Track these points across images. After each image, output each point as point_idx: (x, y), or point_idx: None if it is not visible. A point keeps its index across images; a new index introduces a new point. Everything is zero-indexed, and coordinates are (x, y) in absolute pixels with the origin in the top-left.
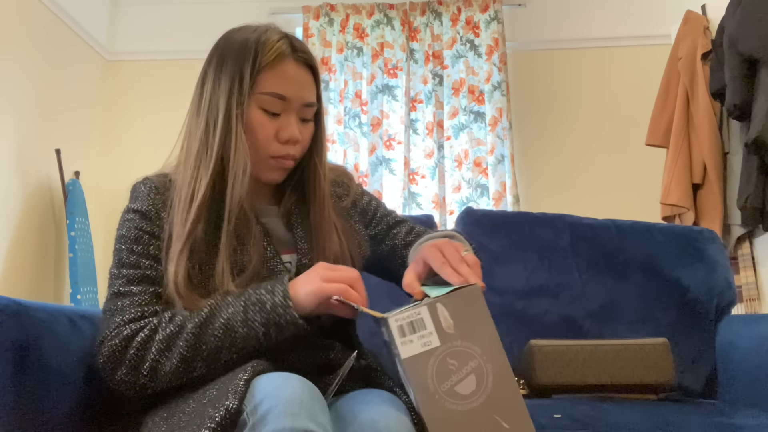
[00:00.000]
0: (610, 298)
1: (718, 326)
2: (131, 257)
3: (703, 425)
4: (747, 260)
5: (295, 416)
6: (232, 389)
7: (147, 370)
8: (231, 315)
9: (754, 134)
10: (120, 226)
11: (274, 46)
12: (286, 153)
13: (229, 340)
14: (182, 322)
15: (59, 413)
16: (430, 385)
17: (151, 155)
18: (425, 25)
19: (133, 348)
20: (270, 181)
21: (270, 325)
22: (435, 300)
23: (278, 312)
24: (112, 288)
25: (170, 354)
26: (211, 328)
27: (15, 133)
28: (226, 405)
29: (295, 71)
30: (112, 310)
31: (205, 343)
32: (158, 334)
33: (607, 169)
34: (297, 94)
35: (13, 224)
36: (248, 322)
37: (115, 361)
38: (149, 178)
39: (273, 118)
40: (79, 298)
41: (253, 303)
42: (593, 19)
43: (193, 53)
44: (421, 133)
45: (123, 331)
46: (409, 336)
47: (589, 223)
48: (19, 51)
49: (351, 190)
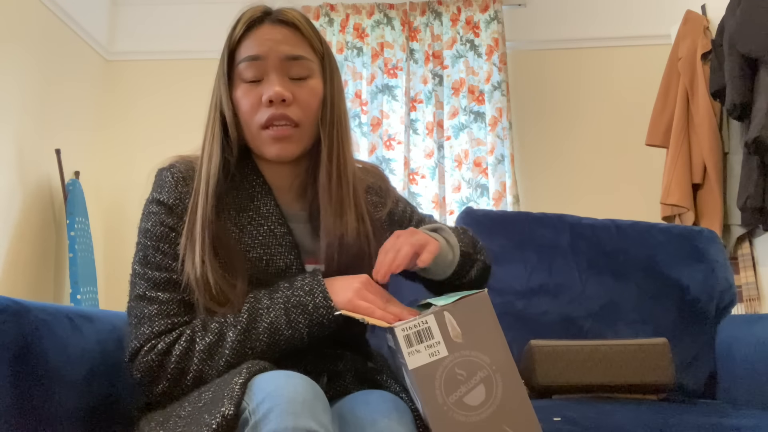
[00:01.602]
0: (610, 298)
1: (718, 326)
2: (157, 256)
3: (703, 426)
4: (747, 260)
5: (298, 415)
6: (228, 394)
7: (191, 380)
8: (274, 319)
9: (754, 134)
10: (144, 218)
11: (245, 17)
12: (272, 114)
13: (274, 343)
14: (220, 330)
15: (59, 413)
16: (438, 397)
17: (151, 155)
18: (425, 25)
19: (173, 363)
20: (275, 156)
21: (314, 326)
22: (442, 308)
23: (321, 313)
24: (137, 289)
25: (213, 362)
26: (255, 333)
27: (15, 133)
28: (222, 411)
29: (269, 31)
30: (138, 317)
31: (251, 348)
32: (197, 345)
33: (607, 169)
34: (270, 49)
35: (13, 224)
36: (292, 324)
37: (154, 375)
38: (175, 165)
39: (254, 85)
40: (79, 298)
41: (294, 306)
42: (593, 19)
43: (193, 53)
44: (421, 133)
45: (156, 345)
46: (416, 346)
47: (589, 223)
48: (19, 51)
49: (388, 198)
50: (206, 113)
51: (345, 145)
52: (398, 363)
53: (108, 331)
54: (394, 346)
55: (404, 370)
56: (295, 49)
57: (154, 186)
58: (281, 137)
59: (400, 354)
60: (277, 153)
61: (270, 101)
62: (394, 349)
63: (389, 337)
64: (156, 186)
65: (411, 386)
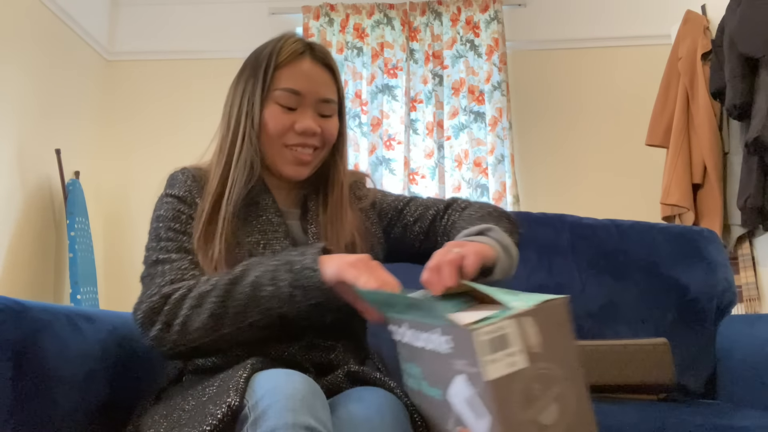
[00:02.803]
0: (610, 298)
1: (718, 326)
2: (169, 233)
3: (703, 426)
4: (747, 260)
5: (297, 412)
6: (233, 386)
7: (178, 326)
8: (261, 273)
9: (754, 134)
10: (157, 208)
11: (290, 46)
12: (301, 142)
13: (255, 297)
14: (216, 282)
15: (59, 413)
16: (516, 413)
17: (151, 155)
18: (425, 25)
19: (169, 304)
20: (291, 175)
21: (296, 287)
22: (523, 313)
23: (306, 274)
24: (150, 258)
25: (200, 310)
26: (240, 286)
27: (15, 133)
28: (228, 402)
29: (310, 68)
30: (151, 275)
31: (234, 299)
32: (192, 292)
33: (607, 169)
34: (311, 89)
35: (13, 224)
36: (275, 281)
37: (152, 316)
38: (187, 168)
39: (288, 112)
40: (79, 298)
41: (283, 263)
42: (593, 19)
43: (193, 53)
44: (421, 133)
45: (163, 289)
46: (495, 354)
47: (589, 223)
48: (19, 51)
49: (370, 191)
50: (228, 115)
51: (345, 165)
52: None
53: (108, 331)
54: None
55: (460, 379)
56: (328, 92)
57: (166, 186)
58: (302, 162)
59: (466, 359)
60: (294, 174)
61: (302, 132)
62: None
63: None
64: (169, 185)
65: (468, 399)
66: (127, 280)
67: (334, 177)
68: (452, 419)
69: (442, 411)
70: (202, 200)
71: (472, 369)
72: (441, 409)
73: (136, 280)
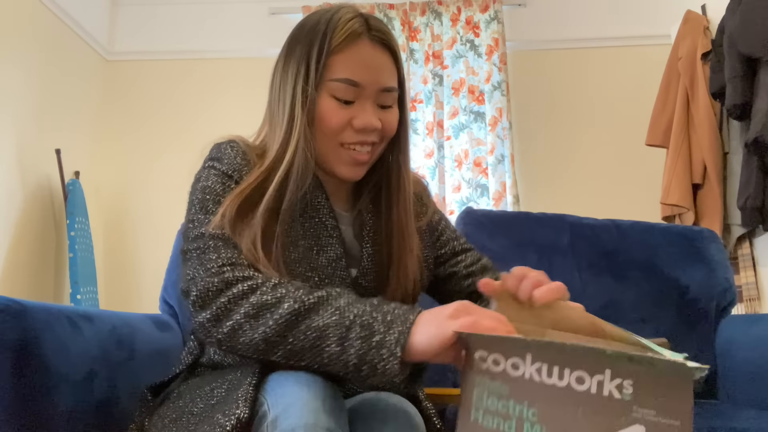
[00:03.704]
0: (610, 298)
1: (718, 326)
2: (217, 207)
3: (703, 426)
4: (747, 260)
5: (318, 413)
6: (242, 396)
7: (228, 328)
8: (332, 323)
9: (754, 134)
10: (203, 179)
11: (345, 26)
12: (359, 140)
13: (317, 348)
14: (282, 297)
15: (59, 413)
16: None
17: (151, 155)
18: (425, 25)
19: (226, 297)
20: (346, 176)
21: (364, 362)
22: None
23: (382, 355)
24: (197, 229)
25: (256, 325)
26: (305, 326)
27: (15, 133)
28: (237, 414)
29: (369, 53)
30: (201, 249)
31: (294, 336)
32: (254, 296)
33: (607, 169)
34: (372, 79)
35: (13, 224)
36: (344, 343)
37: (206, 299)
38: (236, 141)
39: (345, 105)
40: (79, 298)
41: (362, 325)
42: (593, 19)
43: (193, 53)
44: (421, 133)
45: (224, 271)
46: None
47: (589, 223)
48: (19, 51)
49: (429, 208)
50: (279, 101)
51: (408, 166)
52: (563, 407)
53: (108, 331)
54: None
55: (634, 429)
56: (390, 80)
57: (209, 157)
58: (360, 162)
59: (656, 409)
60: (350, 176)
61: (362, 129)
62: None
63: (525, 366)
64: (214, 157)
65: None
66: (127, 280)
67: (397, 182)
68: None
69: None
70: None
71: (668, 420)
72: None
73: (136, 280)
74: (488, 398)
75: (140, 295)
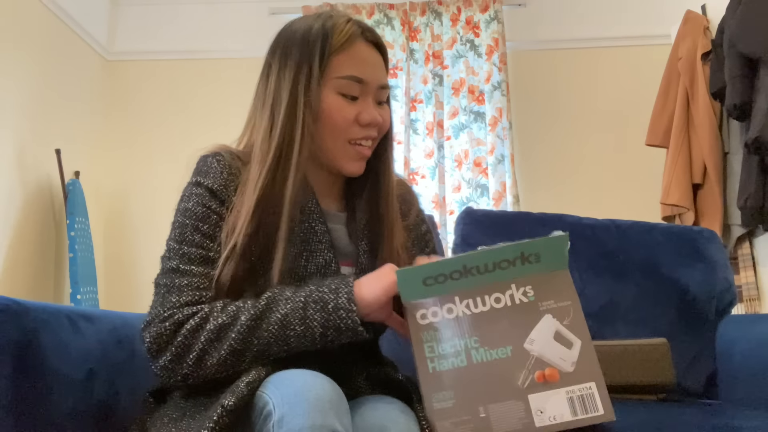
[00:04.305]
0: (610, 298)
1: (718, 326)
2: (196, 236)
3: (703, 426)
4: (747, 260)
5: (325, 413)
6: (231, 389)
7: (193, 360)
8: (289, 311)
9: (754, 134)
10: (185, 199)
11: (344, 28)
12: (365, 135)
13: (283, 336)
14: (235, 313)
15: (59, 413)
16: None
17: (151, 155)
18: (425, 25)
19: (181, 335)
20: (351, 172)
21: (329, 327)
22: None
23: (340, 315)
24: (169, 262)
25: (219, 345)
26: (266, 323)
27: (15, 133)
28: (222, 403)
29: (367, 52)
30: (168, 286)
31: (258, 337)
32: (209, 324)
33: (607, 169)
34: (373, 76)
35: (13, 224)
36: (306, 321)
37: (161, 344)
38: (221, 153)
39: (351, 101)
40: (79, 298)
41: (315, 301)
42: (593, 19)
43: (193, 53)
44: (421, 133)
45: (176, 314)
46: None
47: (589, 223)
48: (19, 51)
49: (413, 209)
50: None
51: (392, 165)
52: (497, 325)
53: (108, 331)
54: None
55: (546, 319)
56: (385, 77)
57: (196, 170)
58: (364, 156)
59: (554, 298)
60: (356, 170)
61: (368, 123)
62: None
63: (457, 307)
64: (199, 171)
65: (556, 334)
66: (127, 280)
67: (387, 177)
68: (525, 371)
69: (507, 370)
70: (241, 197)
71: (563, 303)
72: (506, 369)
73: (136, 280)
74: (438, 346)
75: (140, 295)
